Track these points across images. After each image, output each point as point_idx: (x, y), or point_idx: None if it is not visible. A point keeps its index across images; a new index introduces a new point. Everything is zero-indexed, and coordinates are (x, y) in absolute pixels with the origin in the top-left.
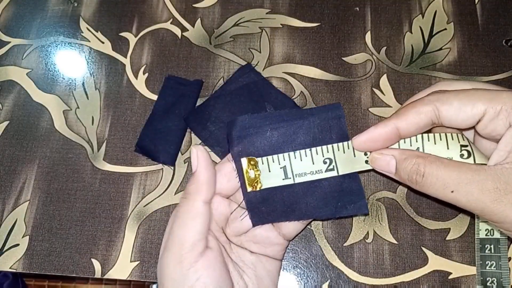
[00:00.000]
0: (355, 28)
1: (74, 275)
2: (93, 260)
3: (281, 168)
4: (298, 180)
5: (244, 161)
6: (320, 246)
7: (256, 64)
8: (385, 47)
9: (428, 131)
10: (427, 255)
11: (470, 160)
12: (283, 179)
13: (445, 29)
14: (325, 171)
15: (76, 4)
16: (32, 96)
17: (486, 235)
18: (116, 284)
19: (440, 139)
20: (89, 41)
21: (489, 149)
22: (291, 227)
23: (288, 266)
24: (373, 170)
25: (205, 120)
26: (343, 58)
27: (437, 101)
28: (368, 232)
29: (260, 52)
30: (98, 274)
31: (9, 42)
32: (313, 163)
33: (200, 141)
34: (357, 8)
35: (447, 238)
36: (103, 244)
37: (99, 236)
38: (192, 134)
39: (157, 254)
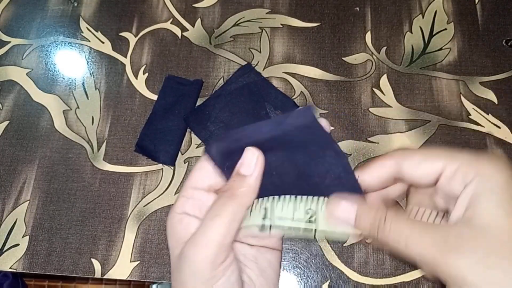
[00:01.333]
0: (355, 28)
1: (74, 275)
2: (93, 260)
3: (263, 208)
4: (277, 223)
5: None
6: (320, 246)
7: (256, 64)
8: (385, 47)
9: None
10: None
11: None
12: (263, 219)
13: (445, 29)
14: (305, 222)
15: (76, 4)
16: (32, 96)
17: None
18: (116, 284)
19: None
20: (89, 41)
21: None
22: None
23: (288, 266)
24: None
25: (205, 120)
26: (343, 58)
27: (400, 156)
28: None
29: (260, 52)
30: (98, 274)
31: (9, 42)
32: (295, 210)
33: (200, 141)
34: (357, 8)
35: None
36: (103, 244)
37: (99, 236)
38: (192, 134)
39: (157, 254)
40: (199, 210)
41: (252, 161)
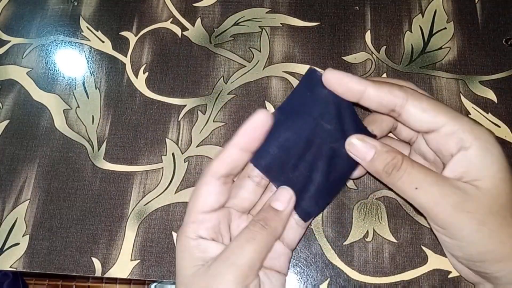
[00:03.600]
0: (355, 27)
1: (74, 274)
2: (93, 259)
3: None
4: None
5: None
6: (320, 245)
7: (256, 64)
8: (385, 46)
9: None
10: (427, 254)
11: None
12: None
13: (445, 28)
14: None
15: (76, 3)
16: (32, 95)
17: None
18: (116, 283)
19: None
20: (89, 40)
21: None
22: (292, 233)
23: None
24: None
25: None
26: (343, 57)
27: (411, 94)
28: (368, 231)
29: (260, 51)
30: (98, 273)
31: (9, 41)
32: None
33: (200, 141)
34: (357, 7)
35: None
36: (104, 243)
37: (100, 235)
38: (191, 133)
39: (157, 253)
40: (214, 232)
41: (286, 199)
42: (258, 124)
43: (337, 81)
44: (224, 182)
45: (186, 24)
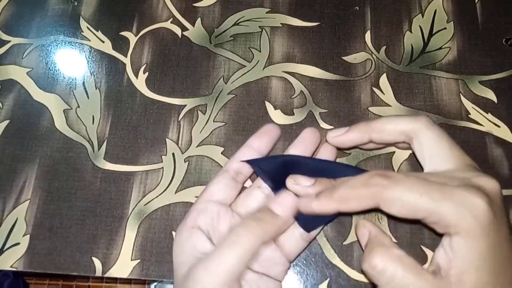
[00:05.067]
0: (355, 28)
1: (75, 273)
2: (93, 258)
3: None
4: None
5: None
6: (320, 245)
7: (256, 64)
8: (385, 46)
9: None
10: (427, 254)
11: None
12: None
13: (445, 28)
14: None
15: (76, 3)
16: (33, 95)
17: None
18: (117, 283)
19: None
20: (90, 40)
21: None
22: (294, 245)
23: None
24: None
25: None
26: (343, 57)
27: (376, 196)
28: None
29: (260, 51)
30: (98, 273)
31: (9, 41)
32: None
33: (200, 140)
34: (357, 8)
35: None
36: (104, 242)
37: (100, 235)
38: (191, 132)
39: (157, 252)
40: (211, 224)
41: (287, 204)
42: (270, 129)
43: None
44: (234, 177)
45: (186, 24)
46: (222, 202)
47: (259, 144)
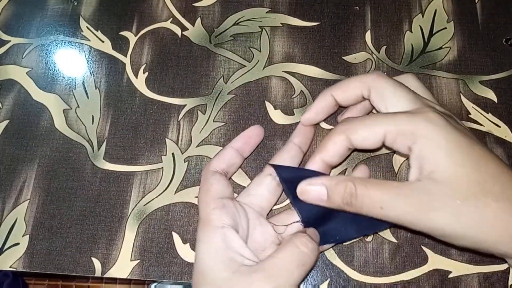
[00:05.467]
0: (355, 27)
1: (74, 274)
2: (93, 259)
3: None
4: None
5: None
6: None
7: (256, 63)
8: (385, 46)
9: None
10: (427, 254)
11: None
12: None
13: (445, 28)
14: None
15: (76, 3)
16: (32, 95)
17: None
18: (116, 283)
19: None
20: (89, 40)
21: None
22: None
23: None
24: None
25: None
26: (343, 57)
27: (346, 130)
28: None
29: (260, 51)
30: (98, 273)
31: (9, 41)
32: None
33: (200, 140)
34: (357, 7)
35: None
36: (103, 243)
37: (99, 235)
38: (193, 128)
39: (157, 253)
40: (234, 220)
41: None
42: (254, 133)
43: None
44: (226, 174)
45: (186, 24)
46: (230, 197)
47: (241, 147)
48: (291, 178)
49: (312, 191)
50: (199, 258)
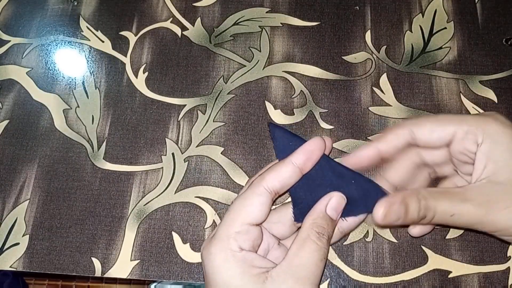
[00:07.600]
0: (355, 27)
1: (74, 274)
2: (93, 259)
3: None
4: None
5: None
6: None
7: (256, 63)
8: (385, 46)
9: None
10: (427, 254)
11: None
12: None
13: (445, 28)
14: None
15: (76, 3)
16: (32, 95)
17: None
18: (116, 283)
19: None
20: (89, 40)
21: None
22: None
23: None
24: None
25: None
26: (343, 57)
27: (412, 125)
28: (368, 231)
29: (260, 51)
30: (98, 273)
31: (9, 41)
32: None
33: (200, 140)
34: (357, 7)
35: (447, 237)
36: (103, 243)
37: (99, 235)
38: (191, 132)
39: (157, 253)
40: (253, 245)
41: (340, 209)
42: (316, 146)
43: (354, 163)
44: (273, 198)
45: (186, 23)
46: (259, 222)
47: (302, 164)
48: (282, 141)
49: (392, 213)
50: (216, 276)
